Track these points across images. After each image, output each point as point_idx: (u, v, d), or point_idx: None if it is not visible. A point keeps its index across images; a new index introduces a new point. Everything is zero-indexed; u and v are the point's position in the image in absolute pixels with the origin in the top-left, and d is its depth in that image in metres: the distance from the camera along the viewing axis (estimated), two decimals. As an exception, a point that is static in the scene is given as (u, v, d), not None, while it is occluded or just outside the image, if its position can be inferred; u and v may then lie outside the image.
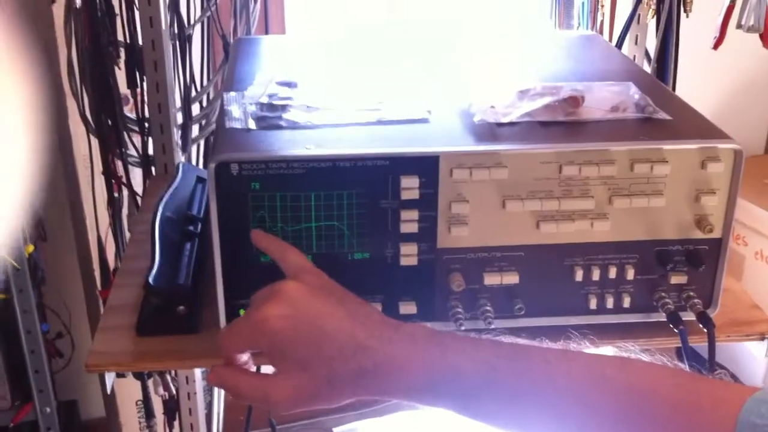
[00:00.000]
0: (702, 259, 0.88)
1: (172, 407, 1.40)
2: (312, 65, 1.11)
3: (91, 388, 1.89)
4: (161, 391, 1.31)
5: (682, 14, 1.28)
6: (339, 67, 1.11)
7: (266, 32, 1.56)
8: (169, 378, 1.32)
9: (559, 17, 1.51)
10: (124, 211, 1.47)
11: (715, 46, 1.19)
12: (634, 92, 0.95)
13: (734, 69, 2.47)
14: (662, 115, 0.90)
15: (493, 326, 0.88)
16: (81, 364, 1.30)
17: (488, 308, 0.88)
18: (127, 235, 1.45)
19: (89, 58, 1.33)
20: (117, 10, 1.35)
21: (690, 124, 0.90)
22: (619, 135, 0.87)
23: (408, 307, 0.88)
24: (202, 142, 1.53)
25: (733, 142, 0.85)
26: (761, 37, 1.16)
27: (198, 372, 1.36)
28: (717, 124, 0.90)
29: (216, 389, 1.55)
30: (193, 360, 0.91)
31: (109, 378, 0.92)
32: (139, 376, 1.40)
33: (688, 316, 0.89)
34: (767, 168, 2.44)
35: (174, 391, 1.34)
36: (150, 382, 1.40)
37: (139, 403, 1.71)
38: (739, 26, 1.16)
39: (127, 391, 1.74)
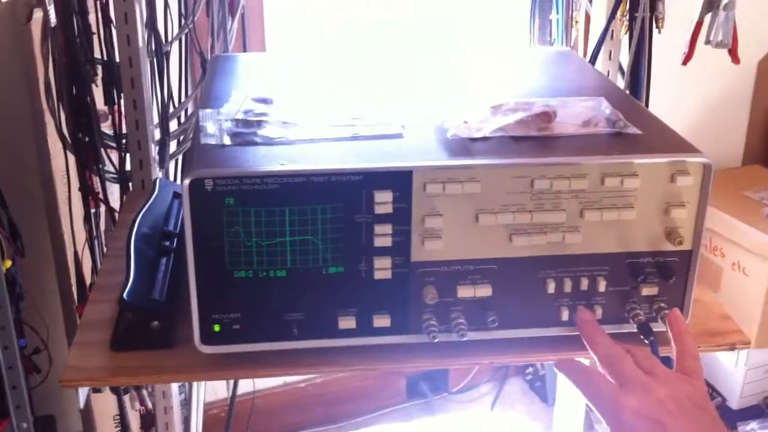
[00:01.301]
0: (672, 270, 0.89)
1: (148, 422, 1.40)
2: (288, 82, 1.12)
3: (68, 403, 1.88)
4: (137, 405, 1.31)
5: (655, 30, 1.30)
6: (314, 84, 1.11)
7: (244, 49, 1.57)
8: (145, 393, 1.32)
9: (535, 33, 1.53)
10: (102, 226, 1.47)
11: (684, 62, 1.21)
12: (605, 107, 0.97)
13: (712, 83, 2.50)
14: (633, 129, 0.92)
15: (466, 338, 0.88)
16: (58, 379, 1.29)
17: (462, 321, 0.89)
18: (105, 250, 1.45)
19: (66, 76, 1.33)
20: (94, 28, 1.35)
21: (660, 139, 0.92)
22: (590, 149, 0.88)
23: (382, 321, 0.89)
24: (179, 158, 1.53)
25: (702, 155, 0.87)
26: (730, 52, 1.18)
27: (174, 387, 1.35)
28: (695, 137, 0.91)
29: (194, 404, 1.55)
30: (168, 375, 0.91)
31: (83, 393, 0.92)
32: (116, 391, 1.39)
33: (660, 327, 0.90)
34: (745, 180, 2.47)
35: (150, 406, 1.34)
36: (126, 398, 1.40)
37: (116, 418, 1.70)
38: (707, 42, 1.18)
39: (104, 406, 1.73)
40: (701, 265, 0.91)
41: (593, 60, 1.33)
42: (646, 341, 0.88)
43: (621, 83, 1.37)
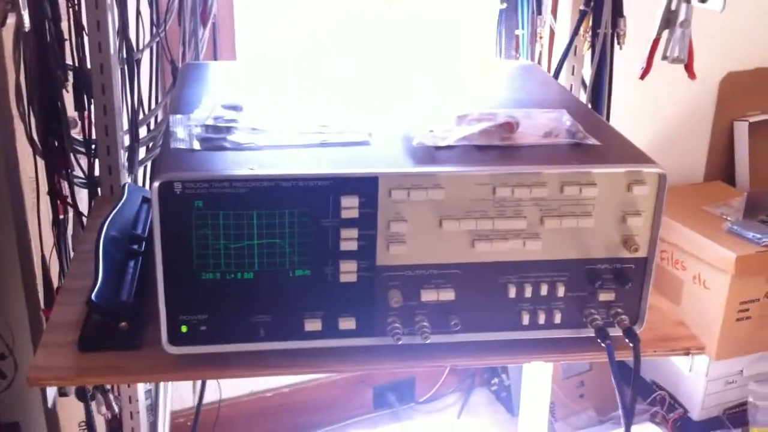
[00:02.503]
0: (628, 277, 0.92)
1: (114, 427, 1.40)
2: (258, 89, 1.13)
3: (33, 409, 1.87)
4: (104, 410, 1.31)
5: (619, 47, 1.34)
6: (284, 91, 1.14)
7: (215, 58, 1.59)
8: (111, 397, 1.32)
9: (502, 47, 1.56)
10: (69, 231, 1.47)
11: (642, 76, 1.25)
12: (566, 119, 1.00)
13: (675, 100, 2.56)
14: (592, 140, 0.95)
15: (429, 341, 0.91)
16: (24, 385, 1.29)
17: (425, 324, 0.91)
18: (72, 255, 1.45)
19: (38, 81, 1.34)
20: (66, 35, 1.36)
21: (617, 149, 0.95)
22: (550, 159, 0.91)
23: (347, 323, 0.90)
24: (149, 164, 1.54)
25: (657, 166, 0.90)
26: (686, 68, 1.22)
27: (141, 391, 1.36)
28: (658, 153, 0.94)
29: (161, 410, 1.55)
30: (134, 375, 0.92)
31: (51, 393, 0.92)
32: (82, 396, 1.39)
33: (616, 332, 0.93)
34: (706, 195, 2.52)
35: (117, 411, 1.34)
36: (93, 404, 1.40)
37: (82, 424, 1.70)
38: (664, 58, 1.22)
39: (70, 412, 1.73)
40: (663, 277, 0.94)
41: (557, 74, 1.37)
42: (602, 345, 0.91)
43: (584, 97, 1.41)
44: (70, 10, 1.34)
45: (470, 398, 2.58)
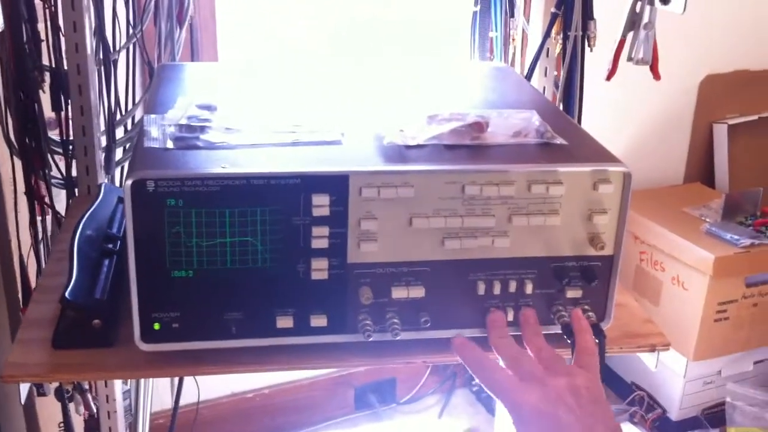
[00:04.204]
0: (595, 274, 0.94)
1: (92, 427, 1.40)
2: (233, 90, 1.15)
3: (13, 411, 1.87)
4: (81, 409, 1.32)
5: (587, 49, 1.36)
6: (259, 92, 1.15)
7: (193, 59, 1.60)
8: (90, 397, 1.33)
9: (476, 49, 1.58)
10: (48, 231, 1.48)
11: (608, 78, 1.27)
12: (535, 119, 1.01)
13: (655, 103, 2.59)
14: (559, 140, 0.97)
15: (399, 338, 0.92)
16: (2, 386, 1.29)
17: (396, 321, 0.92)
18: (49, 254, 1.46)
19: (14, 82, 1.35)
20: (43, 36, 1.37)
21: (584, 149, 0.97)
22: (518, 158, 0.93)
23: (319, 320, 0.92)
24: (126, 165, 1.55)
25: (622, 165, 0.92)
26: (651, 69, 1.24)
27: (118, 391, 1.36)
28: (639, 155, 0.96)
29: (141, 411, 1.56)
30: (108, 372, 0.93)
31: (24, 389, 0.93)
32: (60, 396, 1.40)
33: (583, 328, 0.94)
34: (686, 197, 2.55)
35: (94, 410, 1.35)
36: (72, 406, 1.40)
37: (62, 425, 1.70)
38: (629, 59, 1.24)
39: (49, 413, 1.73)
40: (642, 278, 0.96)
41: (529, 76, 1.39)
42: (568, 341, 0.93)
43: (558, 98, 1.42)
44: (47, 10, 1.34)
45: (451, 399, 2.59)
